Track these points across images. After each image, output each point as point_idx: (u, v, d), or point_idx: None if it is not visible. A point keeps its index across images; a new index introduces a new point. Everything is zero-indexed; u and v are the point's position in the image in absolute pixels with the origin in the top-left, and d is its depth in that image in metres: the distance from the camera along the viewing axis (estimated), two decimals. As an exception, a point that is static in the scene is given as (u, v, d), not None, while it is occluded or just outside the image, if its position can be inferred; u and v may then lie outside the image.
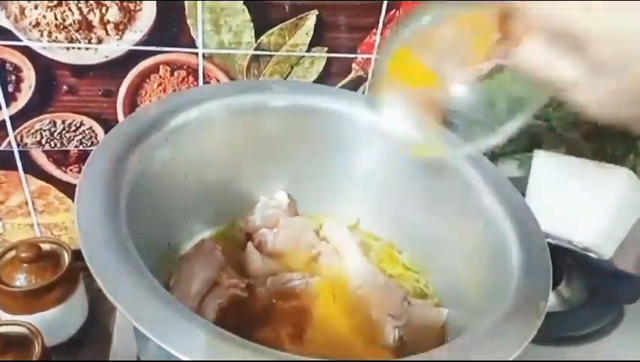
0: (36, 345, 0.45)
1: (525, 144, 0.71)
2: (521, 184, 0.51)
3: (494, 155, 0.70)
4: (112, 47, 0.56)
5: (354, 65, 0.65)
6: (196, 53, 0.59)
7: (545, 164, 0.63)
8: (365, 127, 0.56)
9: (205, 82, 0.61)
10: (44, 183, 0.63)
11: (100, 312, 0.60)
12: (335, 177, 0.59)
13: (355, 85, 0.66)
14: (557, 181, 0.62)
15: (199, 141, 0.50)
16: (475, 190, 0.48)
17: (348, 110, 0.56)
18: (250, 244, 0.54)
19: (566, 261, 0.63)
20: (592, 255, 0.62)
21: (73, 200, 0.65)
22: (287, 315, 0.47)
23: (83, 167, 0.39)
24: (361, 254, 0.54)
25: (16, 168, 0.61)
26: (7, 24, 0.52)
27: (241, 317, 0.47)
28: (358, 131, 0.56)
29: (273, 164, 0.58)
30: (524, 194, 0.59)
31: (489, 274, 0.43)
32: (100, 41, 0.55)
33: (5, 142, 0.59)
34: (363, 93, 0.66)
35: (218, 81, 0.61)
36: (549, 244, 0.43)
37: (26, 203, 0.64)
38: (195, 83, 0.61)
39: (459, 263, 0.49)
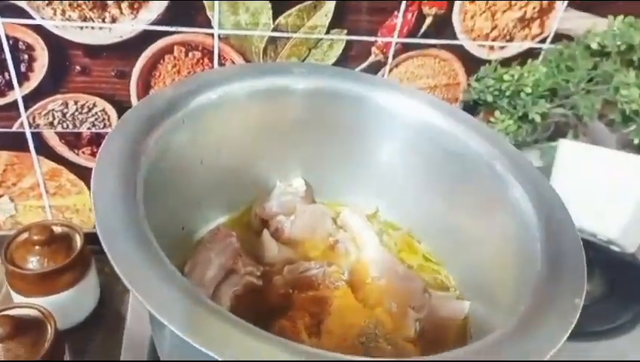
0: (49, 327, 0.45)
1: (548, 133, 0.69)
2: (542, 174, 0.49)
3: (516, 145, 0.68)
4: (127, 27, 0.54)
5: (373, 48, 0.63)
6: (212, 34, 0.57)
7: (569, 154, 0.61)
8: (386, 113, 0.54)
9: (220, 64, 0.59)
10: (56, 165, 0.63)
11: (111, 295, 0.60)
12: (354, 164, 0.57)
13: (375, 69, 0.64)
14: (581, 172, 0.60)
15: (217, 124, 0.49)
16: (501, 178, 0.46)
17: (369, 94, 0.54)
18: (266, 231, 0.53)
19: (588, 253, 0.61)
20: (615, 248, 0.61)
21: (85, 183, 0.64)
22: (304, 305, 0.45)
23: (99, 149, 0.38)
24: (380, 243, 0.53)
25: (28, 150, 0.60)
26: (21, 1, 0.51)
27: (257, 306, 0.46)
28: (379, 116, 0.54)
29: (290, 149, 0.56)
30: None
31: (516, 267, 0.41)
32: (114, 20, 0.54)
33: (17, 123, 0.58)
34: (382, 76, 0.65)
35: (233, 62, 0.60)
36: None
37: (38, 185, 0.64)
38: (210, 64, 0.59)
39: (483, 255, 0.48)
